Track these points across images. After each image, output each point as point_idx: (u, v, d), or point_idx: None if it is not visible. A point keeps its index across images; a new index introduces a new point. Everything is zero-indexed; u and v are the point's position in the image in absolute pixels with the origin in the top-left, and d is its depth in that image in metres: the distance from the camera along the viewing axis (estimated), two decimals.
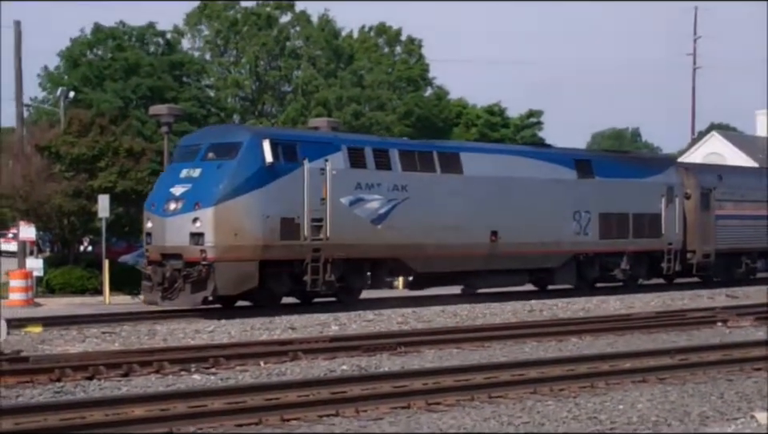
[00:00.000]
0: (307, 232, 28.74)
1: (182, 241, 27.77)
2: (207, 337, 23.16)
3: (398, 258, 31.15)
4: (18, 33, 42.86)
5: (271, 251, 28.26)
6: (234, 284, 27.96)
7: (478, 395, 14.92)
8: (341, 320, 26.48)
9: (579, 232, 35.76)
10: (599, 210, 36.31)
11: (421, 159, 31.79)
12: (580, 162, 36.67)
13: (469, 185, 32.58)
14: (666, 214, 38.30)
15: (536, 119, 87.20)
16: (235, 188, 27.80)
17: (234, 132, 30.76)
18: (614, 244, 36.89)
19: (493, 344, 21.75)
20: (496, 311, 29.61)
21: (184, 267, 27.65)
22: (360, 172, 30.10)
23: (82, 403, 13.66)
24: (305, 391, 14.77)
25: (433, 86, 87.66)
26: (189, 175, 28.49)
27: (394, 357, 19.79)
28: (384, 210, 30.50)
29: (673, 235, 38.57)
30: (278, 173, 28.39)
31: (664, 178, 38.84)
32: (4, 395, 15.33)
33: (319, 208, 29.02)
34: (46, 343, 21.70)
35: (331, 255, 29.10)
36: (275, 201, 28.28)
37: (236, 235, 27.63)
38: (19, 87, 43.04)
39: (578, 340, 22.81)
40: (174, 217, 28.01)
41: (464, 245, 32.38)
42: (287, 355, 19.28)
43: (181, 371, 17.60)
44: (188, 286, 27.59)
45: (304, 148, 29.18)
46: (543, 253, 34.73)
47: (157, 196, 29.16)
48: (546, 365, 17.59)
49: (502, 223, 33.30)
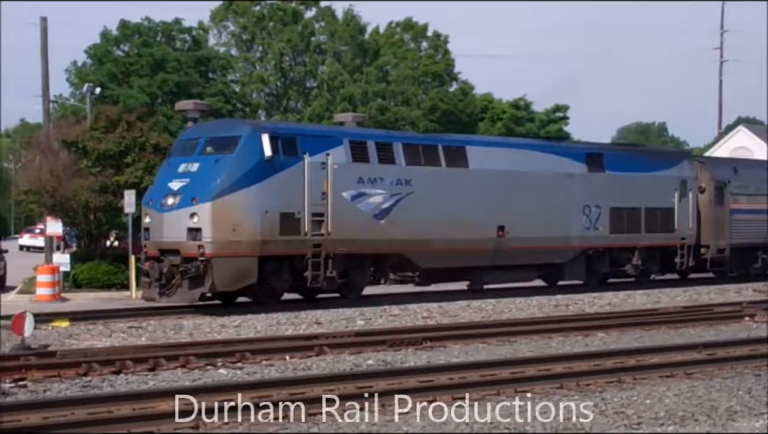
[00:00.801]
0: (308, 227, 28.40)
1: (180, 236, 27.39)
2: (233, 332, 23.20)
3: (401, 253, 30.80)
4: (43, 29, 42.99)
5: (270, 246, 27.90)
6: (232, 280, 27.61)
7: (504, 389, 14.89)
8: (366, 315, 26.48)
9: (589, 227, 35.32)
10: (610, 204, 35.88)
11: (425, 153, 31.41)
12: (590, 155, 36.18)
13: (475, 179, 32.18)
14: (679, 208, 37.85)
15: (562, 114, 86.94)
16: (233, 183, 27.42)
17: (232, 126, 30.45)
18: (625, 239, 36.46)
19: (519, 339, 21.71)
20: (522, 306, 29.55)
21: (182, 262, 27.29)
22: (362, 166, 29.71)
23: (109, 397, 13.71)
24: (330, 385, 14.78)
25: (458, 81, 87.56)
26: (187, 170, 28.16)
27: (420, 352, 19.78)
28: (387, 205, 30.13)
29: (686, 229, 38.12)
30: (278, 167, 28.02)
31: (677, 172, 38.36)
32: (32, 389, 15.41)
33: (320, 203, 28.66)
34: (73, 338, 21.79)
35: (332, 250, 28.80)
36: (274, 196, 27.90)
37: (234, 230, 27.28)
38: (46, 83, 43.18)
39: (604, 335, 22.74)
40: (171, 212, 27.66)
41: (470, 240, 32.03)
42: (313, 349, 19.30)
43: (207, 365, 17.62)
44: (185, 282, 27.23)
45: (304, 142, 28.81)
46: (552, 248, 34.34)
47: (155, 191, 28.80)
48: (573, 360, 17.56)
49: (509, 217, 32.90)
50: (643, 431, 12.64)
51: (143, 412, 12.76)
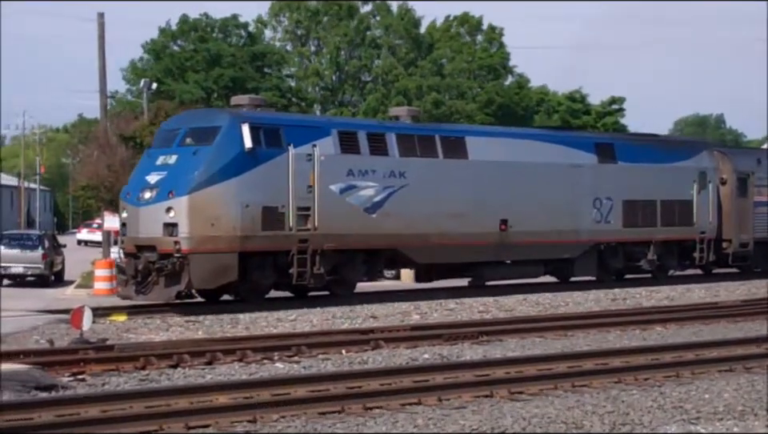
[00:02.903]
0: (292, 222, 27.07)
1: (156, 232, 26.11)
2: (289, 326, 23.27)
3: (395, 248, 29.48)
4: (101, 25, 43.29)
5: (251, 241, 26.55)
6: (210, 277, 26.26)
7: (562, 384, 14.84)
8: (422, 309, 26.46)
9: (600, 220, 33.83)
10: (622, 196, 34.36)
11: (421, 144, 30.09)
12: (601, 145, 34.85)
13: (475, 171, 30.82)
14: (698, 200, 36.33)
15: (618, 106, 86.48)
16: (211, 175, 26.15)
17: (212, 116, 29.06)
18: (640, 233, 34.87)
19: (576, 333, 21.61)
20: (579, 299, 29.42)
21: (158, 259, 25.96)
22: (352, 158, 28.42)
23: (167, 391, 13.78)
24: (387, 379, 14.78)
25: (513, 74, 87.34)
26: (165, 162, 26.93)
27: (476, 346, 19.73)
28: (379, 198, 28.79)
29: (706, 222, 36.56)
30: (260, 159, 26.72)
31: (696, 163, 36.72)
32: (90, 383, 15.52)
33: (306, 196, 27.33)
34: (130, 332, 21.94)
35: (320, 245, 27.45)
36: (256, 189, 26.58)
37: (212, 225, 25.98)
38: (103, 79, 43.49)
39: (662, 329, 22.59)
40: (147, 206, 26.37)
41: (470, 234, 30.59)
42: (369, 343, 19.31)
43: (263, 359, 17.68)
44: (162, 279, 25.87)
45: (289, 132, 27.52)
46: (559, 243, 32.78)
47: (132, 184, 27.60)
48: (630, 354, 17.45)
49: (512, 210, 31.59)
50: (702, 426, 12.53)
51: (201, 406, 12.82)
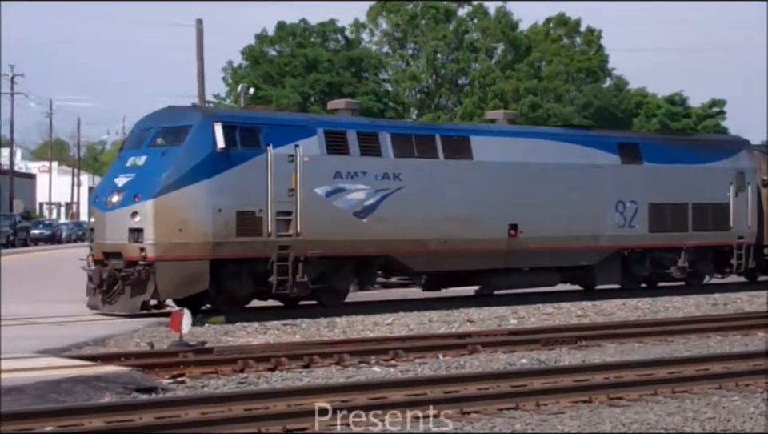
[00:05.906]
0: (271, 227, 25.26)
1: (122, 238, 24.51)
2: (386, 329, 23.29)
3: (388, 255, 27.46)
4: (199, 31, 43.82)
5: (224, 248, 24.75)
6: (178, 286, 24.56)
7: (662, 389, 14.65)
8: (519, 313, 26.33)
9: (624, 225, 31.31)
10: (649, 199, 31.86)
11: (419, 144, 28.06)
12: (624, 145, 32.20)
13: (480, 172, 28.69)
14: (735, 203, 33.89)
15: (719, 108, 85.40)
16: (180, 178, 24.47)
17: (184, 114, 26.96)
18: (669, 238, 32.39)
19: (676, 338, 21.35)
20: (678, 304, 29.06)
21: (124, 267, 24.40)
22: (340, 159, 26.52)
23: (266, 393, 13.87)
24: (484, 384, 14.72)
25: (612, 77, 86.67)
26: (134, 163, 25.34)
27: (574, 351, 19.59)
28: (371, 202, 26.81)
29: (744, 227, 34.13)
30: (235, 160, 24.99)
31: (733, 163, 34.08)
32: (190, 385, 15.68)
33: (287, 200, 25.52)
34: (228, 335, 22.11)
35: (303, 252, 25.57)
36: (229, 192, 24.82)
37: (180, 230, 24.30)
38: (201, 84, 44.02)
39: (764, 334, 22.22)
40: (114, 211, 24.82)
41: (475, 240, 28.53)
42: (466, 348, 19.25)
43: (360, 362, 17.71)
44: (128, 288, 24.36)
45: (269, 132, 25.67)
46: (576, 249, 30.42)
47: (101, 188, 26.14)
48: (732, 360, 17.19)
49: (523, 215, 29.32)
50: None
51: (299, 409, 12.88)
